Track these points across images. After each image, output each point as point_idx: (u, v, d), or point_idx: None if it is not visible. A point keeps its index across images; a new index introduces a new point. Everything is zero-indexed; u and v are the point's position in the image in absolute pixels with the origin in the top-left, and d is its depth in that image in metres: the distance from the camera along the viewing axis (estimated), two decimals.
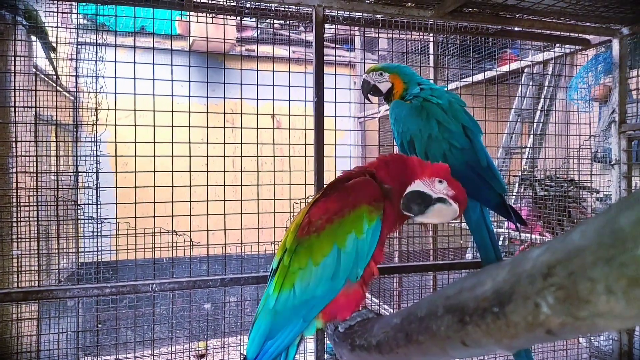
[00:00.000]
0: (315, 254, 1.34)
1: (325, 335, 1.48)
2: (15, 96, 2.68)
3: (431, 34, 3.40)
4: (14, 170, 2.68)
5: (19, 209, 2.67)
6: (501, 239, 4.50)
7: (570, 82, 3.92)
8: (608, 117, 3.53)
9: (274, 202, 3.10)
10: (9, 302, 2.29)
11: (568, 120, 3.98)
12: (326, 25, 2.80)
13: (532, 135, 4.74)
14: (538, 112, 4.73)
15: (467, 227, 2.20)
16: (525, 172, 4.56)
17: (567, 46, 3.48)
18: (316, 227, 1.36)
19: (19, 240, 2.73)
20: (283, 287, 1.37)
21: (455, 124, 2.08)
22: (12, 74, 2.65)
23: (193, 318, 4.37)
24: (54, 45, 3.12)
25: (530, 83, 4.86)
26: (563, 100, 4.16)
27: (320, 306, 1.36)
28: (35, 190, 2.70)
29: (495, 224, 3.96)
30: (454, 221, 4.08)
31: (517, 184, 4.53)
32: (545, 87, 4.68)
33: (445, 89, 2.32)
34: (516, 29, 3.15)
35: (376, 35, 3.65)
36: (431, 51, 4.27)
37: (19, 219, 2.69)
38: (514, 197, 4.51)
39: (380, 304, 5.24)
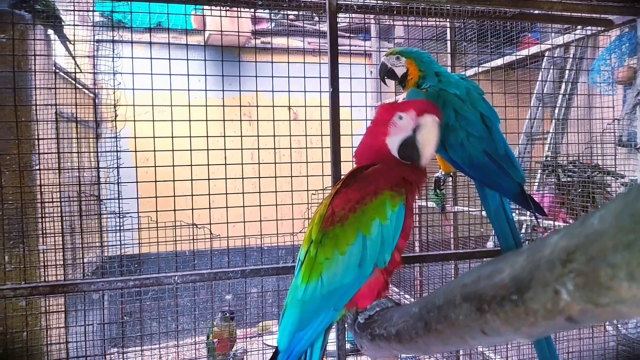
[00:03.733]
0: (340, 244, 1.35)
1: (346, 325, 1.48)
2: (36, 94, 2.73)
3: (448, 20, 3.35)
4: (38, 167, 2.74)
5: (43, 205, 2.73)
6: (524, 226, 4.43)
7: (592, 65, 3.81)
8: (633, 100, 3.42)
9: (292, 194, 3.11)
10: (37, 295, 2.36)
11: (591, 104, 3.88)
12: (340, 15, 2.77)
13: (554, 121, 4.64)
14: (560, 96, 4.62)
15: (487, 216, 2.18)
16: (548, 158, 4.46)
17: (589, 28, 3.39)
18: (340, 217, 1.37)
19: (44, 235, 2.80)
20: (310, 278, 1.38)
21: (473, 112, 2.04)
22: (33, 73, 2.70)
23: (215, 309, 4.43)
24: (70, 38, 3.16)
25: (551, 67, 4.75)
26: (585, 83, 4.06)
27: (350, 294, 1.37)
28: (58, 186, 2.76)
29: (517, 211, 3.91)
30: (474, 209, 4.04)
31: (539, 171, 4.45)
32: (567, 71, 4.57)
33: (464, 76, 2.28)
34: (535, 11, 3.08)
35: (391, 23, 3.61)
36: (448, 37, 4.21)
37: (43, 215, 2.76)
38: (536, 183, 4.43)
39: (401, 293, 5.23)
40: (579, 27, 3.42)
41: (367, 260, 1.35)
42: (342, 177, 1.56)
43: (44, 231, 2.80)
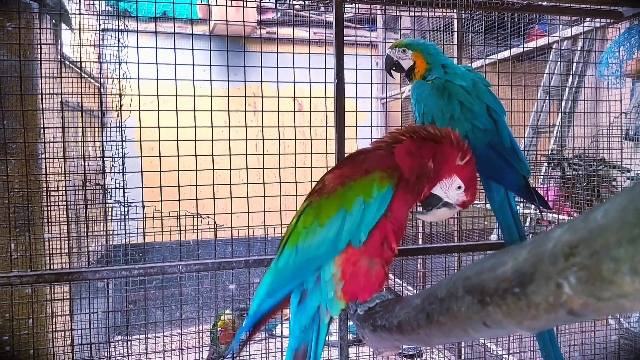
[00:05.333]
0: (321, 215, 1.35)
1: (348, 316, 1.49)
2: (42, 83, 2.73)
3: (455, 11, 3.32)
4: (43, 156, 2.75)
5: (48, 193, 2.74)
6: (528, 219, 4.42)
7: (600, 58, 3.78)
8: None
9: (296, 185, 3.11)
10: (42, 283, 2.38)
11: (598, 97, 3.85)
12: (346, 5, 2.76)
13: (560, 114, 4.61)
14: (567, 89, 4.59)
15: (491, 208, 2.17)
16: (554, 151, 4.44)
17: (597, 20, 3.35)
18: (328, 190, 1.37)
19: (50, 223, 2.82)
20: (287, 246, 1.38)
21: (478, 104, 2.03)
22: (39, 62, 2.70)
23: (219, 298, 4.46)
24: (74, 25, 3.16)
25: (559, 59, 4.71)
26: (593, 76, 4.02)
27: (317, 265, 1.36)
28: (63, 175, 2.78)
29: (522, 204, 3.89)
30: (478, 202, 4.03)
31: (545, 164, 4.43)
32: (575, 64, 4.53)
33: (470, 68, 2.26)
34: (544, 3, 3.05)
35: (398, 14, 3.58)
36: (455, 28, 4.17)
37: (49, 204, 2.78)
38: (541, 176, 4.41)
39: (404, 285, 5.24)
40: (587, 19, 3.39)
41: (342, 236, 1.33)
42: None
43: (50, 219, 2.82)
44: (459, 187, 1.43)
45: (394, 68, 2.26)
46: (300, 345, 1.42)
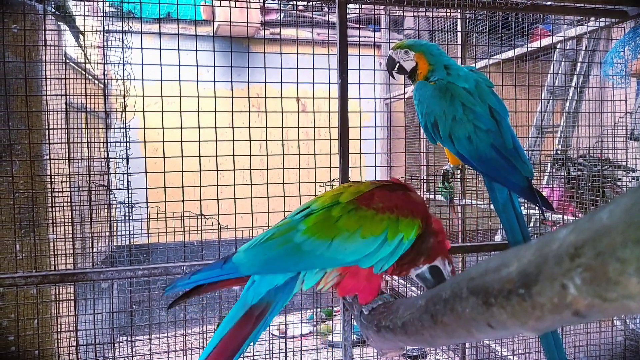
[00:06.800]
0: (366, 228, 1.39)
1: (352, 317, 1.51)
2: (46, 85, 2.75)
3: (459, 11, 3.31)
4: (48, 157, 2.76)
5: (53, 194, 2.76)
6: (532, 220, 4.40)
7: (605, 57, 3.76)
8: None
9: (300, 186, 3.11)
10: (47, 284, 2.39)
11: (603, 97, 3.83)
12: (350, 5, 2.75)
13: (565, 114, 4.59)
14: (571, 89, 4.57)
15: (495, 209, 2.16)
16: (558, 152, 4.43)
17: (602, 19, 3.34)
18: (377, 207, 1.43)
19: (55, 224, 2.83)
20: (320, 233, 1.37)
21: (481, 105, 2.02)
22: (43, 63, 2.71)
23: (223, 299, 4.46)
24: (82, 30, 3.18)
25: (563, 59, 4.69)
26: (597, 76, 4.01)
27: (333, 266, 1.40)
28: (68, 176, 2.79)
29: (526, 204, 3.88)
30: (482, 202, 4.03)
31: (549, 164, 4.41)
32: (579, 63, 4.51)
33: (473, 68, 2.26)
34: (548, 2, 3.04)
35: (401, 14, 3.58)
36: (459, 28, 4.17)
37: (53, 205, 2.79)
38: (546, 177, 4.40)
39: (408, 286, 5.23)
40: (592, 18, 3.37)
41: (371, 258, 1.39)
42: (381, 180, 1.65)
43: (54, 220, 2.83)
44: (449, 264, 1.61)
45: (395, 70, 2.25)
46: (260, 302, 1.36)
